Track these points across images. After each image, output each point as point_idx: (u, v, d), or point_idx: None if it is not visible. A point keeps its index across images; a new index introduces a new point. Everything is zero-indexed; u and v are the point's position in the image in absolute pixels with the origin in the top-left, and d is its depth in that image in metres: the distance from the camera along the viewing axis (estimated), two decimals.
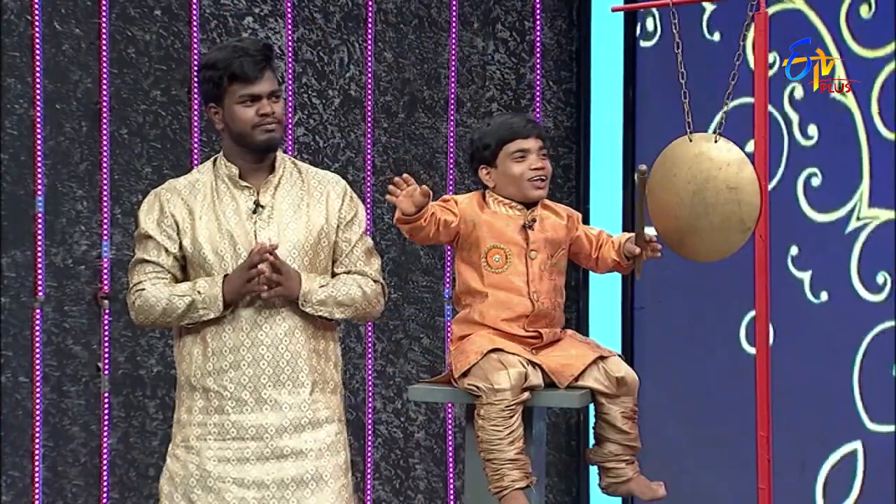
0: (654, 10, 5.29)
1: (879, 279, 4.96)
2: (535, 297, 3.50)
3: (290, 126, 5.30)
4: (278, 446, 3.46)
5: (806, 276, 5.09)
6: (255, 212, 3.49)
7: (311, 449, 3.49)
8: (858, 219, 5.00)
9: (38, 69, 4.97)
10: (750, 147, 3.57)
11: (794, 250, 5.10)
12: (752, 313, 3.67)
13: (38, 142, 4.98)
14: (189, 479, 3.48)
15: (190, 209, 3.51)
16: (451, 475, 5.53)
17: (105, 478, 5.10)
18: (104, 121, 5.09)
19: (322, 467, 3.50)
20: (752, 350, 4.53)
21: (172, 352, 5.14)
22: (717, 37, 5.24)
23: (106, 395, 5.08)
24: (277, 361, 3.47)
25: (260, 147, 3.50)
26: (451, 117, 5.53)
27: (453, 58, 5.53)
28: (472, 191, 3.62)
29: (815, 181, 5.07)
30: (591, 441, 3.62)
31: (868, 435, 5.02)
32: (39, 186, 4.99)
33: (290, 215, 3.52)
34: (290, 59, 5.31)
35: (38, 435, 4.98)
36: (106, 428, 5.08)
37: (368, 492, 5.39)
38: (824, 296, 5.08)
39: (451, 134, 5.51)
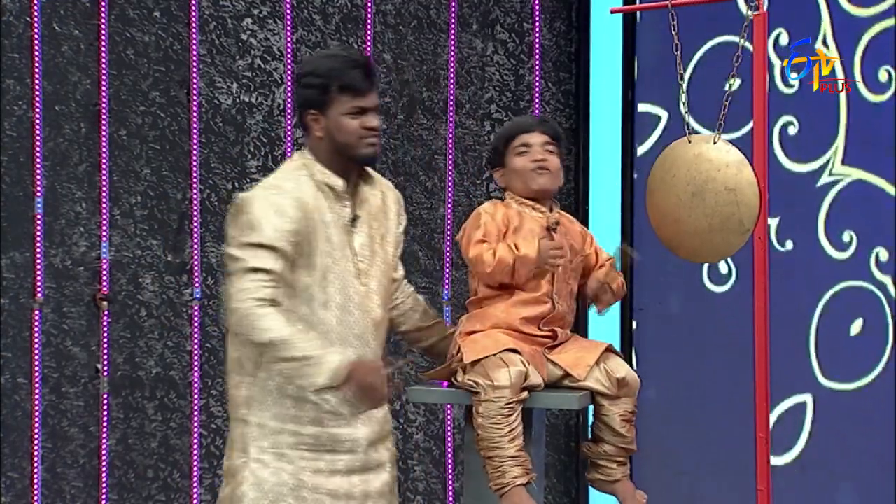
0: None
1: (846, 237, 4.99)
2: (556, 298, 3.56)
3: (289, 127, 5.30)
4: (367, 459, 3.47)
5: (773, 223, 5.11)
6: (352, 223, 3.47)
7: (387, 461, 3.55)
8: (831, 174, 5.01)
9: (37, 70, 4.97)
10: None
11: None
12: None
13: (38, 143, 4.98)
14: (281, 487, 3.41)
15: (306, 216, 3.39)
16: (451, 476, 5.53)
17: (104, 479, 5.09)
18: (103, 122, 5.09)
19: (393, 477, 3.57)
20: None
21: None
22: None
23: (105, 396, 5.08)
24: None
25: (363, 159, 3.48)
26: (451, 119, 5.52)
27: (452, 59, 5.53)
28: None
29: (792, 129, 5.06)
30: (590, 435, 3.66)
31: (820, 389, 5.08)
32: (38, 188, 4.99)
33: (375, 227, 3.52)
34: (289, 61, 5.31)
35: (37, 436, 4.98)
36: (105, 429, 5.08)
37: None
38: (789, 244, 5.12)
39: (451, 135, 5.51)
